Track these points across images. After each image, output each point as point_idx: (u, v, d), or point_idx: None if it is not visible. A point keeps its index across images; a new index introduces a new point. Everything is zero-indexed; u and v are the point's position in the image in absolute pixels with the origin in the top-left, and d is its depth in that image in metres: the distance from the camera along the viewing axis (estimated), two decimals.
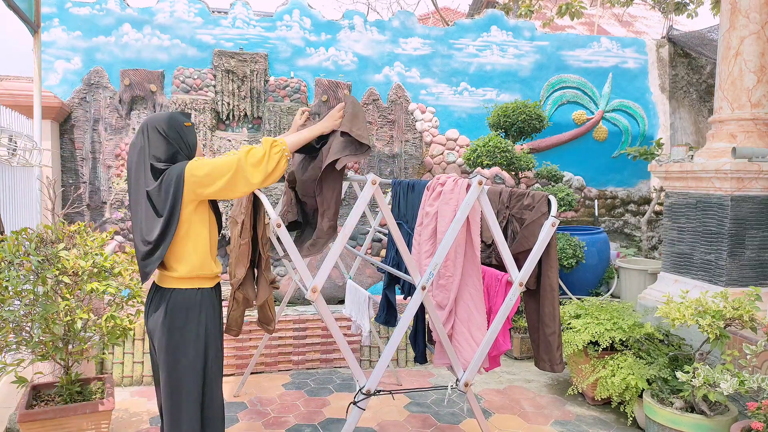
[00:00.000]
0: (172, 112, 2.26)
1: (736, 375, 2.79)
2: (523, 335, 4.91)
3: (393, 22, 6.13)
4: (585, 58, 6.58)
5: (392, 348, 2.51)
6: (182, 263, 2.16)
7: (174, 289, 2.18)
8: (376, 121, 5.98)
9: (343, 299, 5.45)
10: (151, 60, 5.54)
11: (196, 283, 2.19)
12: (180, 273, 2.16)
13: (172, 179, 2.09)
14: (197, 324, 2.18)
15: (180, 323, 2.16)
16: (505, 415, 3.80)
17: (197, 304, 2.18)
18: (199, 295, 2.19)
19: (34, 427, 2.93)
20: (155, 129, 2.18)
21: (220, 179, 2.11)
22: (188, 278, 2.17)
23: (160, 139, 2.17)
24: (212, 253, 2.24)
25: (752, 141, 4.09)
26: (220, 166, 2.12)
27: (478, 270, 2.62)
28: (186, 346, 2.16)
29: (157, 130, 2.18)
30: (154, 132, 2.18)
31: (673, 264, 4.45)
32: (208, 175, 2.11)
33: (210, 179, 2.11)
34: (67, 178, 5.39)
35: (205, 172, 2.11)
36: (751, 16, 4.10)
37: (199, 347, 2.18)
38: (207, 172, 2.11)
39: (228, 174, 2.11)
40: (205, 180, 2.11)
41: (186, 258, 2.16)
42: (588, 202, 6.62)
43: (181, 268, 2.16)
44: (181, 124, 2.24)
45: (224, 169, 2.11)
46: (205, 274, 2.20)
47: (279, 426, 3.57)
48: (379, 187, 2.39)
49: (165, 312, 2.16)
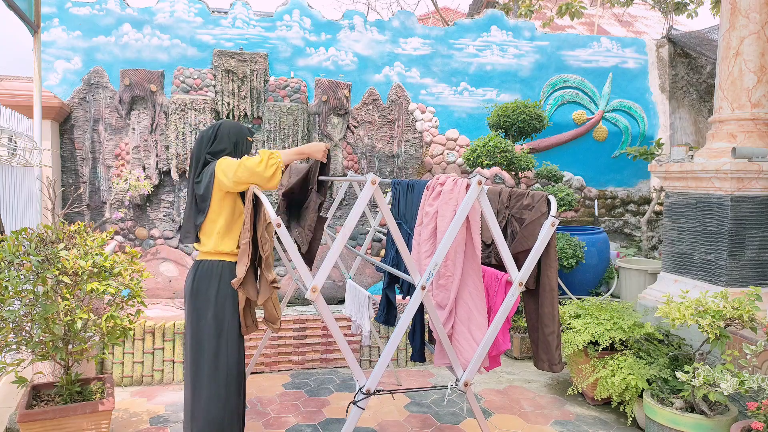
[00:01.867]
0: (243, 124, 2.84)
1: (736, 375, 2.79)
2: (523, 335, 4.91)
3: (393, 22, 6.13)
4: (585, 58, 6.58)
5: (392, 348, 2.51)
6: (207, 240, 2.63)
7: (201, 260, 2.65)
8: (376, 121, 5.98)
9: (343, 299, 5.45)
10: (151, 60, 5.54)
11: (218, 257, 2.63)
12: (206, 248, 2.64)
13: (209, 171, 2.60)
14: (216, 289, 2.59)
15: (203, 288, 2.60)
16: (505, 415, 3.80)
17: (218, 273, 2.61)
18: (220, 266, 2.61)
19: (34, 427, 2.93)
20: (227, 129, 2.72)
21: (230, 172, 2.53)
22: (212, 252, 2.63)
23: (224, 140, 2.70)
24: (232, 235, 2.64)
25: (752, 141, 4.09)
26: (232, 163, 2.56)
27: (478, 270, 2.62)
28: (206, 308, 2.59)
29: (227, 131, 2.72)
30: (225, 132, 2.71)
31: (673, 264, 4.45)
32: (224, 169, 2.55)
33: (224, 173, 2.54)
34: (67, 178, 5.39)
35: (225, 165, 2.55)
36: (751, 16, 4.10)
37: (217, 309, 2.58)
38: (224, 167, 2.55)
39: (233, 168, 2.52)
40: (222, 174, 2.55)
41: (210, 236, 2.63)
42: (588, 202, 6.62)
43: (207, 243, 2.63)
44: (245, 136, 2.78)
45: (233, 165, 2.54)
46: (225, 251, 2.63)
47: (279, 426, 3.58)
48: (379, 187, 2.39)
49: (193, 278, 2.64)
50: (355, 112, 5.93)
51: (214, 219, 2.63)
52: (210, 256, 2.64)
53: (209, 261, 2.64)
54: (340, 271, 4.98)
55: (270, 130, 5.57)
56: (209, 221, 2.64)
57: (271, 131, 5.57)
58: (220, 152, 2.68)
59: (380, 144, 5.99)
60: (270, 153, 2.56)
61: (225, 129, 2.72)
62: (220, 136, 2.70)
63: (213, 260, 2.64)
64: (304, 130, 5.65)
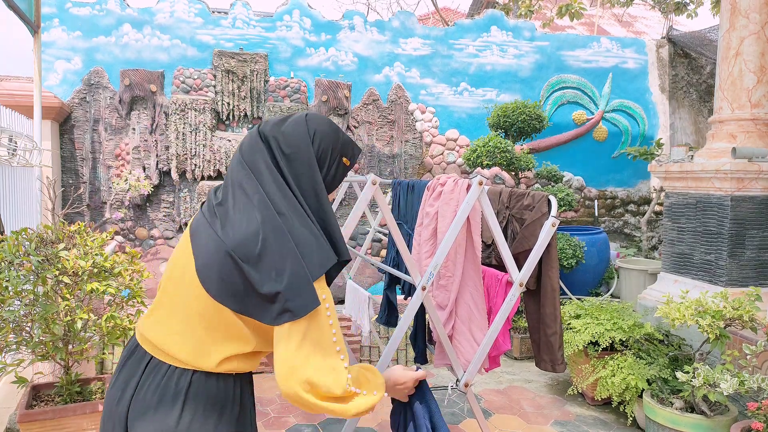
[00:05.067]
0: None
1: (736, 375, 2.79)
2: (523, 335, 4.91)
3: (393, 22, 6.13)
4: (585, 59, 6.58)
5: (392, 348, 2.51)
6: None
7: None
8: (376, 121, 5.98)
9: (343, 299, 5.46)
10: (151, 60, 5.54)
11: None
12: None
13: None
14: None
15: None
16: (505, 415, 3.80)
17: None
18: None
19: (34, 427, 2.93)
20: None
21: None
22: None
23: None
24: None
25: (752, 141, 4.09)
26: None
27: (478, 270, 2.62)
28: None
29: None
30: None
31: (673, 264, 4.45)
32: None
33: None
34: (67, 178, 5.39)
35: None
36: (751, 16, 4.10)
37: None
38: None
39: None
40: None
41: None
42: (588, 203, 6.62)
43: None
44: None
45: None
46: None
47: (279, 426, 3.57)
48: (379, 188, 2.39)
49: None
50: (355, 112, 5.92)
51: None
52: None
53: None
54: None
55: None
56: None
57: None
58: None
59: (380, 144, 5.99)
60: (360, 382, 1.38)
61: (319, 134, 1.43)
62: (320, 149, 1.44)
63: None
64: None
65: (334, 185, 1.46)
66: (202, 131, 5.44)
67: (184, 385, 1.30)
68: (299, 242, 1.25)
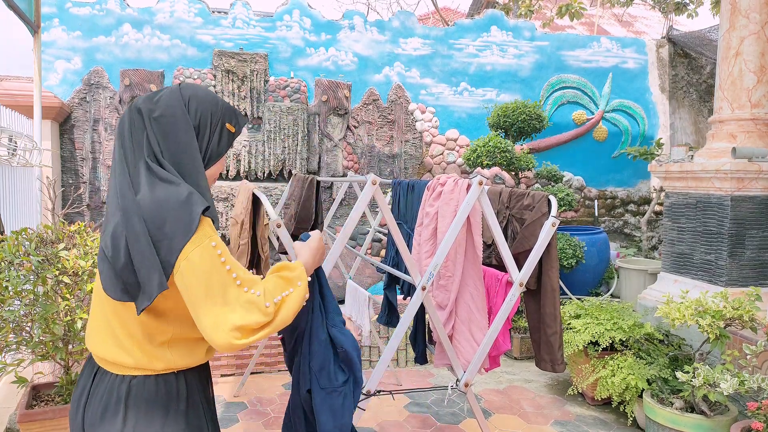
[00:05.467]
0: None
1: (736, 375, 2.79)
2: (523, 335, 4.91)
3: (393, 22, 6.13)
4: (585, 58, 6.58)
5: (392, 348, 2.51)
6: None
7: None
8: (376, 121, 5.98)
9: (343, 299, 5.45)
10: (151, 60, 5.54)
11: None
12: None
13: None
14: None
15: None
16: (505, 415, 3.80)
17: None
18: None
19: (34, 427, 2.93)
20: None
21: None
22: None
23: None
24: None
25: (752, 141, 4.09)
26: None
27: (479, 270, 2.62)
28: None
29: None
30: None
31: (673, 264, 4.45)
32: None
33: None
34: (67, 178, 5.39)
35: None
36: (751, 16, 4.10)
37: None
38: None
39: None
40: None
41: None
42: (588, 202, 6.62)
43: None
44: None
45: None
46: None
47: (279, 426, 3.57)
48: (379, 187, 2.39)
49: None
50: (355, 112, 5.93)
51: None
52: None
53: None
54: (340, 271, 4.98)
55: (270, 130, 5.57)
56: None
57: (271, 131, 5.57)
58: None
59: (380, 144, 5.99)
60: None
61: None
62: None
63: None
64: (304, 130, 5.65)
65: (220, 153, 1.44)
66: None
67: (124, 392, 1.31)
68: (160, 214, 1.23)
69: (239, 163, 5.50)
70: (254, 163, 5.53)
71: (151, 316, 1.30)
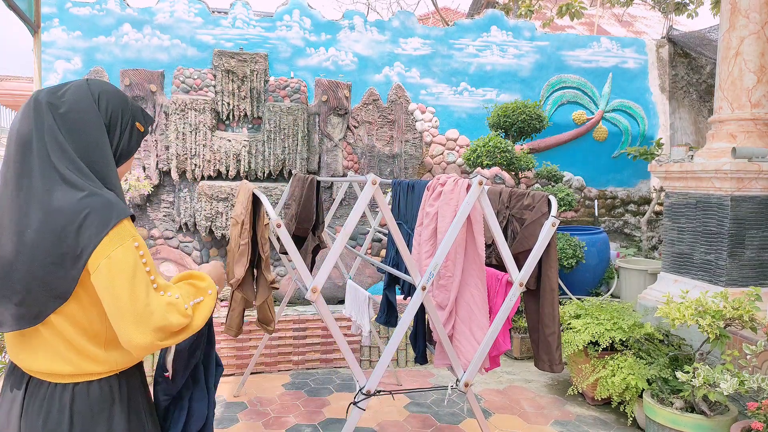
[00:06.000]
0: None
1: (736, 375, 2.79)
2: (523, 335, 4.91)
3: (393, 22, 6.13)
4: (585, 58, 6.58)
5: (392, 348, 2.51)
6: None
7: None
8: (376, 121, 5.98)
9: (343, 299, 5.45)
10: (151, 60, 5.54)
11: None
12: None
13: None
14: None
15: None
16: (505, 415, 3.80)
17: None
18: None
19: None
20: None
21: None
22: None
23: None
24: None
25: (752, 141, 4.09)
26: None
27: (481, 270, 2.62)
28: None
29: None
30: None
31: (673, 264, 4.45)
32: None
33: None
34: None
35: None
36: (751, 16, 4.10)
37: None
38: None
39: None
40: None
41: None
42: (588, 202, 6.62)
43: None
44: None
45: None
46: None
47: (279, 426, 3.57)
48: (379, 187, 2.39)
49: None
50: (355, 112, 5.93)
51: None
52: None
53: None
54: (340, 271, 4.98)
55: (270, 130, 5.57)
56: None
57: (271, 131, 5.57)
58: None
59: (380, 144, 5.99)
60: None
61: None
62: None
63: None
64: (304, 130, 5.65)
65: (130, 152, 1.41)
66: (202, 131, 5.44)
67: (68, 400, 1.29)
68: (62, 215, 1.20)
69: (239, 163, 5.50)
70: (254, 163, 5.53)
71: (81, 320, 1.28)
